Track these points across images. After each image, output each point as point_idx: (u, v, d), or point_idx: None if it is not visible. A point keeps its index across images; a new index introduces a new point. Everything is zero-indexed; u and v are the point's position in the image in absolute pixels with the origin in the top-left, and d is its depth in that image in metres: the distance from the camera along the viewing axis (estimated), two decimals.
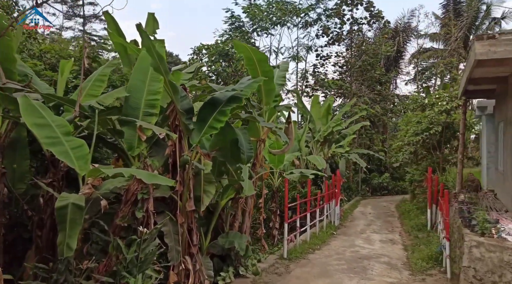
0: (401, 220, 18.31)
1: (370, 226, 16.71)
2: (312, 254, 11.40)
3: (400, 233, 15.50)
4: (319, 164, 15.67)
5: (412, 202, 20.91)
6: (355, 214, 19.97)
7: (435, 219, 15.17)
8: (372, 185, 30.91)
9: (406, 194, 30.22)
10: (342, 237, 14.30)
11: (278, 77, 10.05)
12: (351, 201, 25.19)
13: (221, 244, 8.13)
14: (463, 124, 12.81)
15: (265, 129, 9.66)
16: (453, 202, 11.53)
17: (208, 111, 7.64)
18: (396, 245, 13.31)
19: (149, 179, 5.45)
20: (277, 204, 14.90)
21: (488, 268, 7.16)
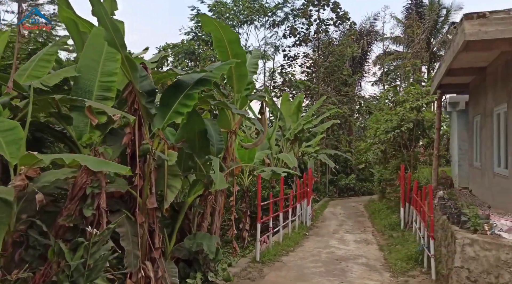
0: (371, 220, 17.72)
1: (342, 226, 15.97)
2: (286, 256, 10.44)
3: (373, 232, 14.83)
4: (290, 162, 14.79)
5: (382, 202, 20.42)
6: (326, 215, 19.24)
7: (408, 217, 14.61)
8: (339, 186, 30.44)
9: (372, 194, 29.97)
10: (315, 237, 13.44)
11: (250, 64, 9.08)
12: (320, 202, 24.49)
13: (188, 247, 7.02)
14: (439, 118, 12.29)
15: (236, 120, 8.65)
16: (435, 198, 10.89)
17: (172, 95, 6.54)
18: (371, 245, 12.58)
19: (97, 166, 4.32)
20: (247, 204, 13.87)
21: (484, 268, 6.42)
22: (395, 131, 15.92)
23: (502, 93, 8.62)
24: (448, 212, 8.13)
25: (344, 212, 20.43)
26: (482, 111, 10.62)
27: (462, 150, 14.58)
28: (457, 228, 7.29)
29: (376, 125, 18.79)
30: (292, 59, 29.74)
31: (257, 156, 14.24)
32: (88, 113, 5.12)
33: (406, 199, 14.66)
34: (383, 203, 19.80)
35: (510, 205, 7.99)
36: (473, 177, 11.95)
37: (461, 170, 14.44)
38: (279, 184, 16.18)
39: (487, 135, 10.01)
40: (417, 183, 13.09)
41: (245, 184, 13.88)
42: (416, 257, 9.88)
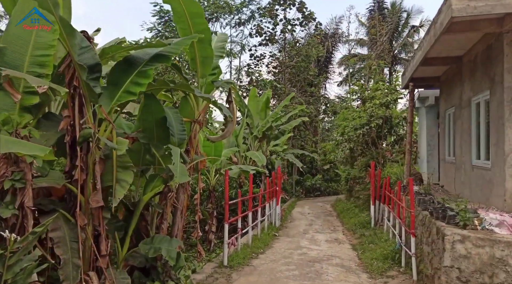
0: (340, 219, 17.00)
1: (311, 226, 15.13)
2: (256, 260, 9.42)
3: (343, 232, 14.07)
4: (259, 160, 13.82)
5: (349, 201, 19.80)
6: (294, 215, 18.37)
7: (378, 216, 13.96)
8: (305, 186, 29.78)
9: (338, 194, 29.51)
10: (286, 238, 12.50)
11: (216, 47, 8.02)
12: (287, 202, 23.66)
13: (144, 253, 5.87)
14: (411, 112, 11.69)
15: (201, 108, 7.57)
16: (405, 195, 10.20)
17: (122, 72, 5.41)
18: (343, 244, 11.77)
19: (5, 146, 3.15)
20: (214, 205, 12.79)
21: (476, 267, 5.65)
22: (364, 128, 15.28)
23: (483, 80, 7.99)
24: (431, 207, 7.37)
25: (312, 211, 19.66)
26: (456, 103, 10.04)
27: (431, 146, 14.09)
28: (443, 224, 6.51)
29: (344, 123, 18.16)
30: (258, 59, 28.86)
31: (224, 154, 13.19)
32: (7, 86, 3.92)
33: (376, 196, 14.02)
34: (351, 202, 19.17)
35: (493, 198, 7.33)
36: (445, 172, 11.38)
37: (430, 166, 13.94)
38: (248, 183, 15.20)
39: (463, 127, 9.41)
40: (388, 179, 12.43)
41: (212, 183, 12.78)
42: (393, 256, 9.12)
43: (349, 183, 20.57)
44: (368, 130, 15.32)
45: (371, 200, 13.99)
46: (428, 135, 14.09)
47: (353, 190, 19.72)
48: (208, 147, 11.61)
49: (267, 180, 13.87)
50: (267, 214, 13.29)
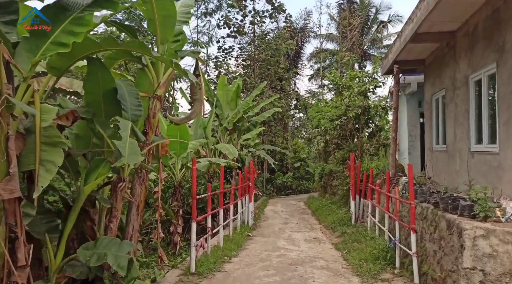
0: (316, 217, 15.95)
1: (287, 225, 13.97)
2: (229, 264, 8.10)
3: (321, 230, 12.98)
4: (230, 153, 12.52)
5: (324, 197, 18.80)
6: (267, 213, 17.17)
7: (359, 212, 12.97)
8: (276, 184, 28.70)
9: (309, 192, 28.67)
10: (261, 238, 11.25)
11: (180, 12, 6.67)
12: (258, 200, 22.47)
13: (84, 261, 4.45)
14: (396, 96, 10.71)
15: (162, 80, 6.21)
16: (393, 187, 9.19)
17: (52, 17, 3.99)
18: (324, 244, 10.65)
19: None
20: (180, 202, 11.38)
21: (505, 268, 4.59)
22: (342, 118, 14.27)
23: (485, 53, 7.04)
24: (435, 197, 6.32)
25: (286, 209, 18.53)
26: (448, 84, 9.12)
27: (413, 136, 13.25)
28: (455, 216, 5.45)
29: (319, 115, 17.13)
30: (227, 52, 27.52)
31: (191, 146, 11.80)
32: None
33: (357, 191, 13.02)
34: (326, 199, 18.17)
35: (505, 185, 6.35)
36: (434, 163, 10.47)
37: (412, 158, 13.09)
38: (218, 178, 13.89)
39: (457, 110, 8.47)
40: (372, 172, 11.43)
41: (177, 179, 11.36)
42: (384, 255, 8.05)
43: (323, 179, 19.59)
44: (346, 121, 14.32)
45: (350, 195, 12.98)
46: (410, 125, 13.24)
47: (328, 186, 18.76)
48: (172, 137, 10.23)
49: (239, 175, 12.58)
50: (239, 212, 12.00)
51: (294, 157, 32.21)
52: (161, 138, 6.00)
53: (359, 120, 14.74)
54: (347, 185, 14.27)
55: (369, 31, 34.65)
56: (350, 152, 14.92)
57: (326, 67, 30.58)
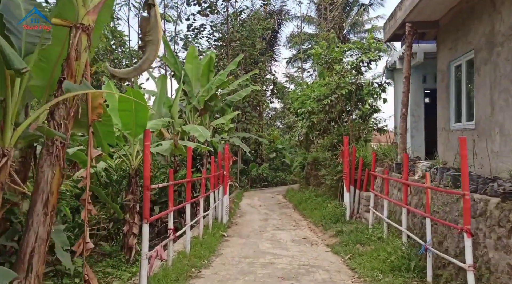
0: (300, 211, 13.91)
1: (268, 221, 11.84)
2: (198, 280, 5.86)
3: (309, 227, 10.92)
4: (201, 136, 10.21)
5: (307, 189, 16.77)
6: (244, 207, 15.00)
7: (354, 205, 10.97)
8: (251, 176, 26.53)
9: (286, 184, 26.75)
10: (238, 239, 9.06)
11: None
12: (233, 193, 20.25)
13: None
14: (408, 64, 8.71)
15: (91, 4, 3.86)
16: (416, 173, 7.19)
17: None
18: (317, 245, 8.59)
19: None
20: (136, 196, 8.99)
21: None
22: (332, 96, 12.18)
23: None
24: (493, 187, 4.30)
25: (264, 203, 16.42)
26: (480, 44, 7.16)
27: (415, 117, 11.36)
28: None
29: (302, 97, 15.04)
30: (198, 31, 24.98)
31: (152, 126, 9.46)
32: None
33: (351, 181, 11.01)
34: (309, 191, 16.14)
35: None
36: (452, 145, 8.52)
37: (415, 141, 11.21)
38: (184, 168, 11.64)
39: (499, 73, 6.51)
40: (375, 156, 9.42)
41: (133, 166, 8.96)
42: (406, 264, 6.02)
43: (305, 169, 17.57)
44: (336, 100, 12.25)
45: (344, 186, 10.94)
46: (412, 104, 11.32)
47: (312, 177, 16.75)
48: (124, 112, 7.91)
49: (212, 161, 10.29)
50: (211, 207, 9.75)
51: (269, 147, 30.24)
52: (83, 88, 3.64)
53: (350, 100, 12.71)
54: (337, 174, 12.26)
55: (349, 15, 32.88)
56: (340, 136, 12.91)
57: (306, 50, 28.54)
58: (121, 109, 8.01)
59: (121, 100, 7.87)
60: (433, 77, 11.46)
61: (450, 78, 8.61)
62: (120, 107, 8.00)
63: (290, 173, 29.54)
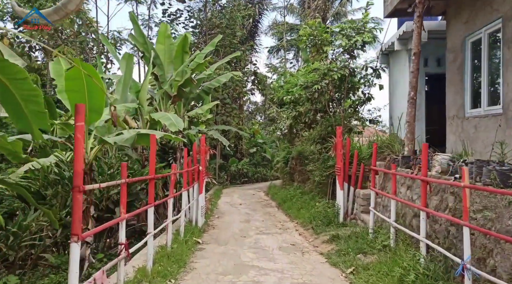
0: (284, 211, 12.48)
1: (250, 223, 10.34)
2: None
3: (297, 230, 9.49)
4: (173, 125, 8.61)
5: (292, 186, 15.33)
6: (222, 206, 13.45)
7: (348, 205, 9.56)
8: (230, 172, 24.97)
9: (267, 180, 25.34)
10: (215, 248, 7.52)
11: None
12: (210, 190, 18.68)
13: None
14: (419, 37, 7.30)
15: None
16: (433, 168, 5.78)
17: None
18: (309, 254, 7.16)
19: None
20: (90, 197, 7.35)
21: None
22: (322, 82, 10.73)
23: None
24: None
25: (245, 201, 14.91)
26: (507, 12, 5.81)
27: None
28: None
29: (287, 85, 13.58)
30: (174, 18, 23.19)
31: None
32: None
33: (346, 177, 9.59)
34: (294, 188, 14.70)
35: None
36: (468, 134, 7.19)
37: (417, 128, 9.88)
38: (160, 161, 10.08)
39: None
40: (376, 148, 8.00)
41: (88, 158, 7.30)
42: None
43: (289, 164, 16.13)
44: (326, 86, 10.80)
45: (337, 183, 9.52)
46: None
47: (296, 172, 15.33)
48: (74, 93, 6.32)
49: (184, 154, 8.68)
50: (183, 209, 8.15)
51: (249, 142, 28.81)
52: None
53: (341, 87, 11.30)
54: (327, 170, 10.84)
55: (332, 5, 31.58)
56: (329, 128, 11.49)
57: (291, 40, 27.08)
58: (69, 90, 6.38)
59: (69, 77, 6.21)
60: (435, 59, 10.16)
61: (465, 57, 7.26)
62: (67, 86, 6.36)
63: (271, 169, 28.14)
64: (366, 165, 9.39)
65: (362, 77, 11.43)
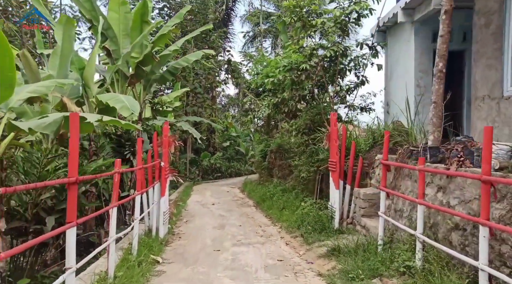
0: (264, 211, 10.60)
1: (225, 229, 8.37)
2: None
3: (284, 238, 7.60)
4: (126, 108, 6.53)
5: (271, 183, 13.43)
6: (192, 207, 11.42)
7: (343, 207, 7.74)
8: (203, 166, 22.85)
9: (241, 175, 23.43)
10: (180, 270, 5.50)
11: None
12: (180, 187, 16.58)
13: None
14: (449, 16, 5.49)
15: None
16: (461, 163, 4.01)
17: None
18: (304, 276, 5.34)
19: None
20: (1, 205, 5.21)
21: None
22: (311, 61, 8.85)
23: None
24: None
25: (219, 200, 12.91)
26: None
27: (421, 88, 8.31)
28: None
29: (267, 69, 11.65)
30: None
31: (37, 89, 5.64)
32: None
33: (341, 173, 7.75)
34: (274, 185, 12.80)
35: None
36: (502, 119, 5.48)
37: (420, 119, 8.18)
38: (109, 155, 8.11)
39: None
40: (388, 137, 6.15)
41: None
42: None
43: (268, 158, 14.22)
44: (316, 65, 8.92)
45: (332, 180, 7.68)
46: (417, 72, 8.27)
47: (276, 167, 13.45)
48: None
49: (138, 148, 6.56)
50: (136, 220, 6.04)
51: (223, 135, 26.85)
52: None
53: (329, 69, 9.46)
54: (315, 164, 9.00)
55: None
56: (317, 117, 9.64)
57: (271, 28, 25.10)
58: None
59: None
60: None
61: (505, 18, 5.52)
62: None
63: (245, 163, 26.27)
64: (365, 158, 7.60)
65: (355, 58, 9.62)
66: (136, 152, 9.18)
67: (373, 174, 7.16)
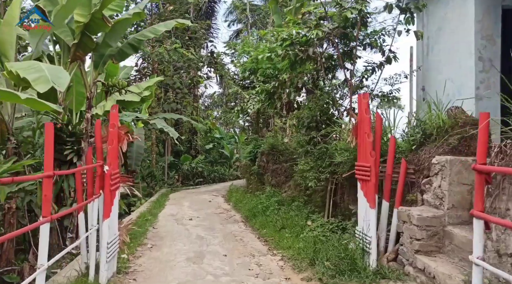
0: (257, 231, 7.98)
1: (203, 262, 5.71)
2: None
3: (290, 281, 4.99)
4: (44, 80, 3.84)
5: (263, 192, 10.80)
6: (163, 224, 8.70)
7: (378, 234, 5.20)
8: (183, 171, 20.12)
9: (225, 180, 20.85)
10: None
11: None
12: (153, 196, 13.86)
13: None
14: None
15: None
16: None
17: None
18: None
19: None
20: None
21: None
22: (324, 27, 6.36)
23: None
24: None
25: (198, 213, 10.21)
26: None
27: (485, 62, 5.86)
28: None
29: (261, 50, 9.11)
30: None
31: None
32: None
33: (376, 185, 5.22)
34: (267, 194, 10.15)
35: None
36: None
37: (483, 106, 5.74)
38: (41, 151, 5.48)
39: None
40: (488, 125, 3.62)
41: None
42: None
43: (258, 162, 11.61)
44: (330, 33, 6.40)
45: (363, 195, 5.11)
46: (478, 39, 5.83)
47: (269, 173, 10.84)
48: None
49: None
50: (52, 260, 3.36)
51: (205, 137, 24.32)
52: None
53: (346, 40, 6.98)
54: (326, 169, 6.45)
55: None
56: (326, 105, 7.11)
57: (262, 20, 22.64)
58: None
59: None
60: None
61: None
62: None
63: (230, 167, 23.72)
64: (409, 162, 5.10)
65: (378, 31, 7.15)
66: (81, 151, 6.48)
67: (427, 186, 4.65)
